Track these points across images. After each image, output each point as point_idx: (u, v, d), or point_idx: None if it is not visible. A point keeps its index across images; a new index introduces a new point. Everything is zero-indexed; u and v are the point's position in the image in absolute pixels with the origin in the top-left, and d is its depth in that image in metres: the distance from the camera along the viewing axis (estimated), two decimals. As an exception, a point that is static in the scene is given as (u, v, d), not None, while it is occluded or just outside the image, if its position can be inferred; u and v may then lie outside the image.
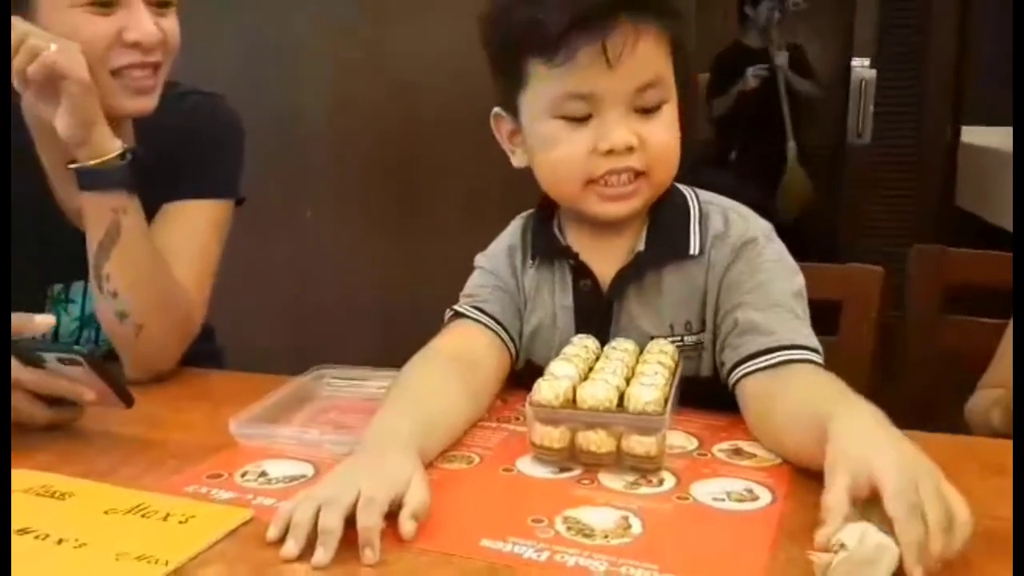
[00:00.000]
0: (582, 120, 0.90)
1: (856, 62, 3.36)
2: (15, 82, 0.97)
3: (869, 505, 0.65)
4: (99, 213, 1.03)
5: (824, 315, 1.10)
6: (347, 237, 2.52)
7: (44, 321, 0.93)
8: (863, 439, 0.69)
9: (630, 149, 0.90)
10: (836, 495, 0.64)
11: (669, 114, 0.92)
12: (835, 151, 3.56)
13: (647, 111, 0.90)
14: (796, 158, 3.53)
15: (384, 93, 2.45)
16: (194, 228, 1.14)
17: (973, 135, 3.42)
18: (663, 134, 0.91)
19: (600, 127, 0.89)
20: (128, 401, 0.90)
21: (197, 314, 1.14)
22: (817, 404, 0.79)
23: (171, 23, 1.08)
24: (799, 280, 0.96)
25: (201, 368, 1.16)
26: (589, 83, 0.88)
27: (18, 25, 0.96)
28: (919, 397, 1.37)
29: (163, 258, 1.08)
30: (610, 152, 0.89)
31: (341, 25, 2.47)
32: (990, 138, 3.30)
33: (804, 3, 3.74)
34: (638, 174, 0.91)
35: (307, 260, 2.51)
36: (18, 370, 0.88)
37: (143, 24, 1.03)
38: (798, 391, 0.84)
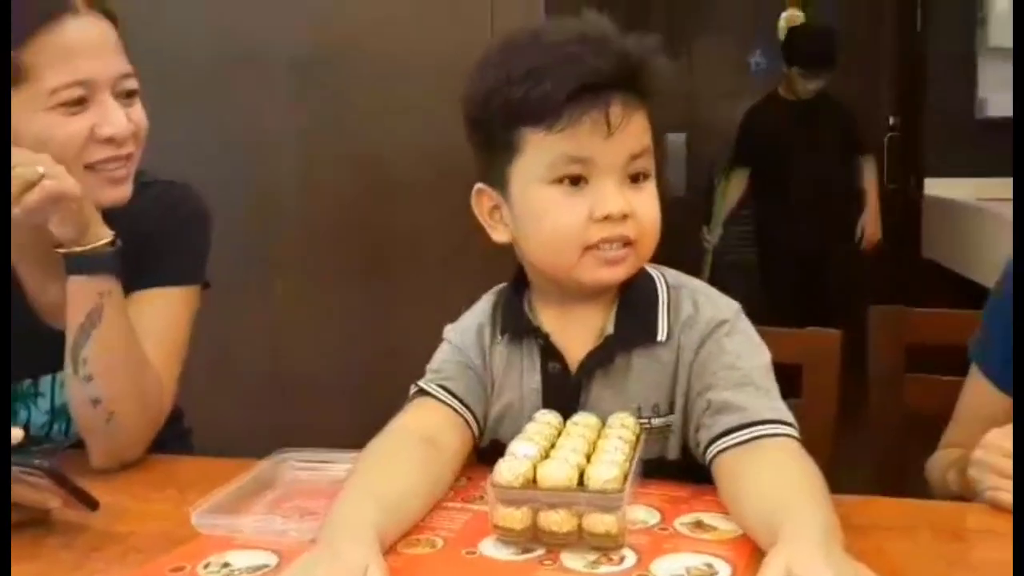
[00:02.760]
0: (577, 186, 0.92)
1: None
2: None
3: None
4: (84, 297, 1.04)
5: (787, 377, 1.12)
6: (318, 310, 2.53)
7: (14, 435, 0.94)
8: (803, 560, 0.70)
9: (624, 217, 0.92)
10: None
11: (653, 188, 0.96)
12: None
13: (636, 181, 0.94)
14: None
15: (351, 163, 2.47)
16: (161, 315, 1.15)
17: (936, 187, 3.50)
18: (651, 206, 0.95)
19: (595, 194, 0.92)
20: (92, 506, 0.92)
21: (167, 401, 1.15)
22: (776, 505, 0.80)
23: (139, 113, 1.11)
24: (766, 356, 0.98)
25: (168, 452, 1.16)
26: (588, 148, 0.91)
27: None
28: (884, 456, 1.38)
29: (140, 345, 1.10)
30: (606, 219, 0.92)
31: (308, 97, 2.51)
32: (953, 190, 3.38)
33: (765, 64, 3.84)
34: (628, 243, 0.94)
35: (278, 335, 2.51)
36: None
37: (116, 119, 1.06)
38: (763, 479, 0.85)
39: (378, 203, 2.45)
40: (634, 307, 0.98)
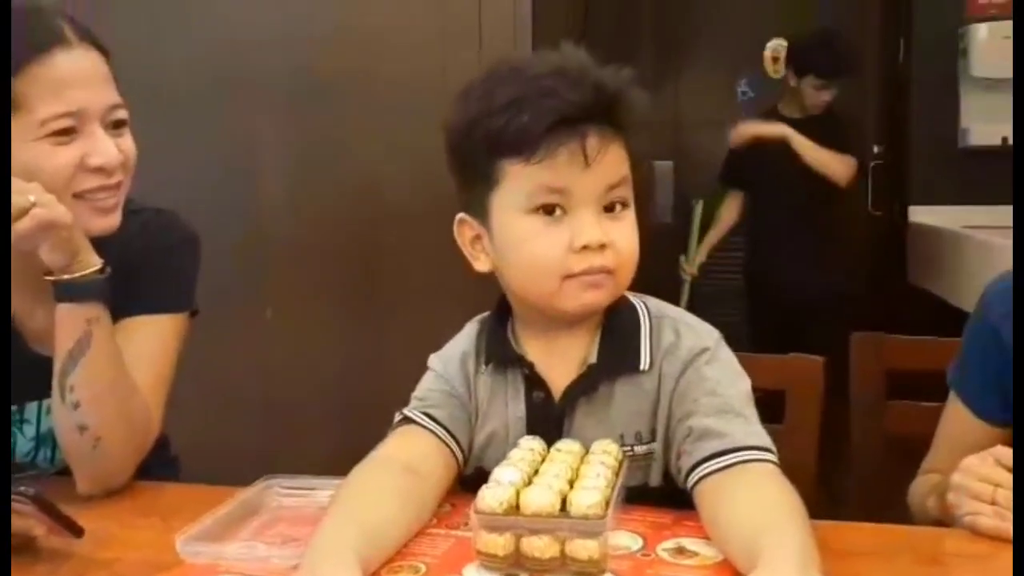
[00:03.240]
0: (554, 216, 0.94)
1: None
2: None
3: None
4: (72, 324, 1.05)
5: (770, 404, 1.14)
6: (308, 335, 2.53)
7: None
8: None
9: (602, 246, 0.93)
10: None
11: (631, 218, 0.97)
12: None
13: (613, 211, 0.95)
14: None
15: (341, 190, 2.49)
16: (149, 342, 1.15)
17: (919, 214, 3.53)
18: (629, 236, 0.96)
19: (574, 224, 0.93)
20: (78, 533, 0.92)
21: (153, 428, 1.15)
22: (755, 530, 0.80)
23: (128, 142, 1.12)
24: (746, 383, 0.99)
25: (154, 479, 1.16)
26: (565, 179, 0.92)
27: None
28: (866, 482, 1.39)
29: (127, 372, 1.10)
30: (584, 248, 0.93)
31: (299, 122, 2.53)
32: (937, 218, 3.41)
33: (752, 93, 3.87)
34: (607, 272, 0.95)
35: (268, 361, 2.51)
36: None
37: (105, 149, 1.07)
38: (743, 504, 0.86)
39: (368, 230, 2.47)
40: (617, 336, 1.00)
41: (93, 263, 1.05)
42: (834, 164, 3.05)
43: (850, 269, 3.30)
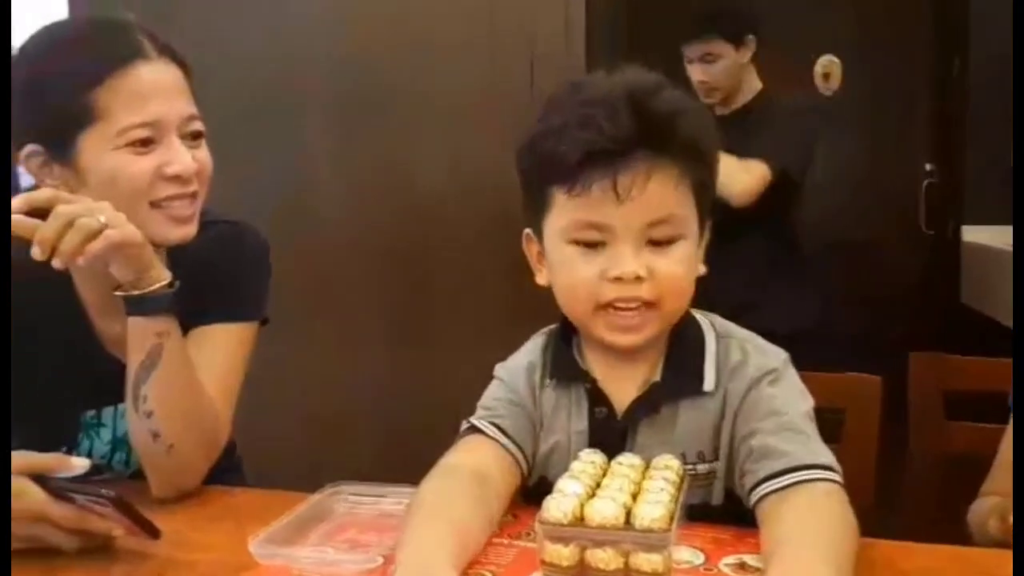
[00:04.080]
0: (595, 247, 0.94)
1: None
2: (61, 261, 0.99)
3: None
4: (143, 337, 1.08)
5: (827, 423, 1.14)
6: (358, 346, 2.57)
7: (80, 464, 0.99)
8: None
9: (638, 279, 0.93)
10: None
11: (683, 249, 0.95)
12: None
13: (659, 244, 0.94)
14: None
15: (394, 202, 2.52)
16: (221, 350, 1.19)
17: (973, 234, 3.49)
18: (674, 268, 0.94)
19: (612, 256, 0.94)
20: (155, 535, 0.96)
21: (223, 433, 1.18)
22: (787, 544, 0.83)
23: (204, 153, 1.16)
24: (809, 403, 1.00)
25: (222, 484, 1.20)
26: (601, 214, 0.93)
27: (62, 209, 0.99)
28: (924, 502, 1.38)
29: (198, 380, 1.13)
30: (618, 279, 0.93)
31: (352, 136, 2.57)
32: (991, 237, 3.36)
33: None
34: (648, 305, 0.95)
35: (317, 371, 2.55)
36: (50, 505, 0.94)
37: (181, 158, 1.11)
38: (788, 523, 0.87)
39: (419, 241, 2.50)
40: (682, 356, 1.00)
41: (162, 278, 1.08)
42: (731, 175, 2.16)
43: (826, 296, 2.67)
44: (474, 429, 1.04)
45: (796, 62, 3.84)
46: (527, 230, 1.03)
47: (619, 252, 0.93)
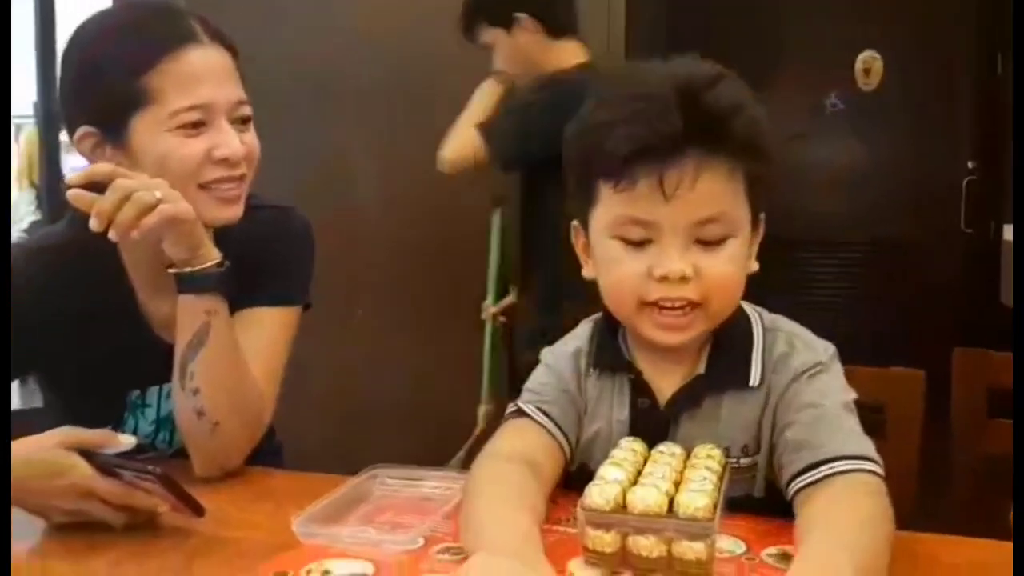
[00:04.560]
0: (640, 244, 0.93)
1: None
2: (117, 233, 1.01)
3: None
4: (192, 315, 1.10)
5: (869, 418, 1.13)
6: (395, 337, 2.58)
7: (127, 441, 1.01)
8: None
9: (684, 279, 0.91)
10: None
11: (733, 248, 0.93)
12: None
13: (708, 243, 0.92)
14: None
15: (436, 197, 2.53)
16: (266, 332, 1.20)
17: (1013, 233, 3.43)
18: (722, 268, 0.92)
19: (658, 254, 0.92)
20: (199, 512, 0.97)
21: (267, 414, 1.20)
22: (805, 539, 0.83)
23: (252, 137, 1.17)
24: (850, 395, 0.98)
25: (262, 466, 1.21)
26: (648, 211, 0.91)
27: (121, 182, 1.02)
28: (967, 499, 1.37)
29: (244, 361, 1.15)
30: (664, 279, 0.92)
31: (391, 130, 2.58)
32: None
33: (842, 105, 3.81)
34: (694, 304, 0.93)
35: (355, 359, 2.57)
36: (97, 480, 0.96)
37: (231, 141, 1.12)
38: (810, 516, 0.87)
39: (457, 237, 2.51)
40: (728, 348, 0.99)
41: (213, 257, 1.10)
42: (449, 138, 2.20)
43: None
44: (520, 413, 1.03)
45: (836, 58, 3.80)
46: (574, 222, 1.01)
47: (665, 250, 0.91)
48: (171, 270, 1.10)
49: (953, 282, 3.47)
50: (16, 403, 1.79)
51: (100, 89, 1.10)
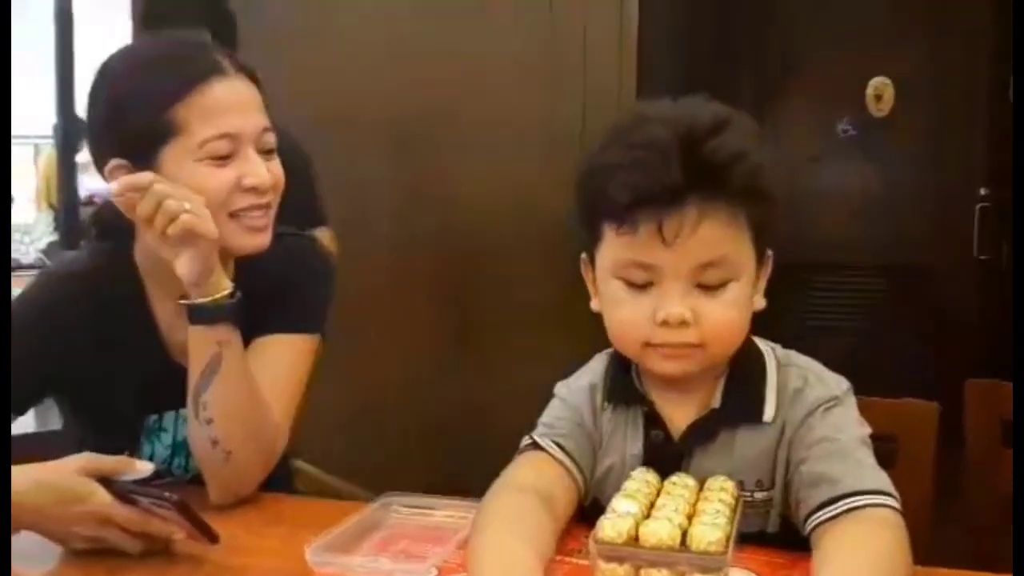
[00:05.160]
0: (643, 287, 0.94)
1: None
2: (150, 237, 1.07)
3: None
4: (204, 345, 1.11)
5: (881, 450, 1.12)
6: (409, 360, 2.59)
7: (144, 468, 1.02)
8: None
9: (684, 323, 0.92)
10: None
11: (735, 292, 0.94)
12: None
13: (709, 287, 0.93)
14: None
15: (448, 218, 2.55)
16: (282, 360, 1.21)
17: (1030, 259, 3.41)
18: (723, 312, 0.93)
19: (659, 297, 0.93)
20: (213, 539, 0.97)
21: (281, 442, 1.20)
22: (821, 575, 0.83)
23: (277, 166, 1.19)
24: (865, 430, 0.99)
25: (275, 492, 1.22)
26: (649, 255, 0.92)
27: (157, 188, 1.05)
28: (982, 532, 1.36)
29: (258, 389, 1.15)
30: (664, 323, 0.92)
31: (406, 160, 2.60)
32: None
33: (854, 131, 3.82)
34: (694, 347, 0.94)
35: (368, 382, 2.58)
36: (116, 508, 0.96)
37: (258, 171, 1.14)
38: (832, 553, 0.87)
39: (472, 264, 2.53)
40: (742, 383, 1.00)
41: (224, 287, 1.11)
42: None
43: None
44: (535, 446, 1.04)
45: (848, 83, 3.81)
46: (584, 255, 1.03)
47: (667, 293, 0.92)
48: (182, 301, 1.11)
49: (966, 308, 3.46)
50: (32, 425, 1.81)
51: (128, 124, 1.12)
